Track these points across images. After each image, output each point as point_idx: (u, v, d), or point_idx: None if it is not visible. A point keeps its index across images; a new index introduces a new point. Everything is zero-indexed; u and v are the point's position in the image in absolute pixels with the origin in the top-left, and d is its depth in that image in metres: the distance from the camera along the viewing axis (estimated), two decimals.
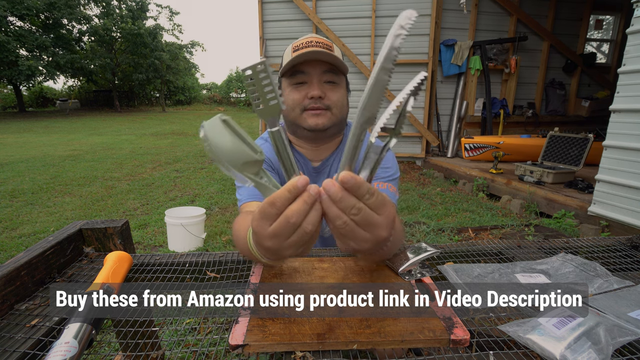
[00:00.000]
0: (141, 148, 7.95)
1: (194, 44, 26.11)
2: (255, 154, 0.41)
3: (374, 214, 0.41)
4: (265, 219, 0.41)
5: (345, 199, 0.40)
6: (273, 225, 0.41)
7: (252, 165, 0.41)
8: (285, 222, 0.40)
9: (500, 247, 0.83)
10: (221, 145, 0.39)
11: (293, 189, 0.40)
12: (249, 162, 0.40)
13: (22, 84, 19.79)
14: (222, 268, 0.74)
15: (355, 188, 0.40)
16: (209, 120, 0.39)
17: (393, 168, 0.94)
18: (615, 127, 2.63)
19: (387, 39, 0.38)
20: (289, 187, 0.41)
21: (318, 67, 0.85)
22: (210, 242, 2.81)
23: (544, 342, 0.47)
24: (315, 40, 0.86)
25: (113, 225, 0.80)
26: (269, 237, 0.42)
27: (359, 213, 0.40)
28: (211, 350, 0.51)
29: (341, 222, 0.41)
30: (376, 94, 0.40)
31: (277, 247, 0.42)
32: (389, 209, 0.42)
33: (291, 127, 0.94)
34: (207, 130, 0.39)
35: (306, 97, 0.86)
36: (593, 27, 6.57)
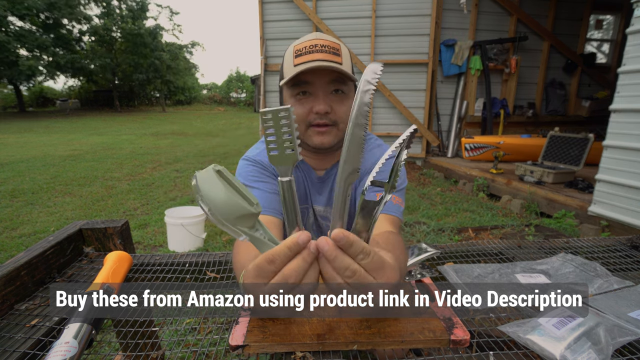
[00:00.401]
0: (141, 148, 7.95)
1: (194, 44, 26.12)
2: (251, 207, 0.38)
3: (369, 277, 0.39)
4: (261, 277, 0.39)
5: (339, 259, 0.38)
6: (269, 285, 0.39)
7: (247, 219, 0.38)
8: (284, 282, 0.38)
9: (500, 247, 0.83)
10: (214, 198, 0.36)
11: (294, 246, 0.38)
12: (244, 215, 0.38)
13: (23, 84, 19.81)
14: (222, 268, 0.74)
15: (348, 246, 0.38)
16: (202, 170, 0.37)
17: (400, 178, 0.91)
18: (615, 127, 2.63)
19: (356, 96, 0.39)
20: (290, 245, 0.38)
21: (324, 77, 0.77)
22: (210, 242, 2.81)
23: (544, 343, 0.47)
24: (321, 43, 0.77)
25: (113, 225, 0.80)
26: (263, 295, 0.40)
27: (353, 275, 0.38)
28: (211, 350, 0.51)
29: (335, 284, 0.39)
30: (354, 148, 0.40)
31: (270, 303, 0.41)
32: (387, 273, 0.40)
33: None
34: (199, 181, 0.36)
35: (311, 111, 0.79)
36: (593, 27, 6.56)
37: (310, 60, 0.75)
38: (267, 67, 5.61)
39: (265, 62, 5.60)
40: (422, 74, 5.57)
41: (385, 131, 5.72)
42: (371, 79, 0.38)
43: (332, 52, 0.76)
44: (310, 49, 0.76)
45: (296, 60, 0.77)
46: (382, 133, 5.73)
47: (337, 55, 0.77)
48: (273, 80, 5.66)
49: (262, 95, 5.66)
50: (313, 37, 0.80)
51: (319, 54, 0.76)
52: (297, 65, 0.76)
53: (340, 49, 0.79)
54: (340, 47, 0.79)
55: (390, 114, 5.71)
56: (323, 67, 0.74)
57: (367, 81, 0.38)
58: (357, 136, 0.39)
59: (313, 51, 0.76)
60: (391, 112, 5.70)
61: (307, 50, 0.77)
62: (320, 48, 0.76)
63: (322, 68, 0.75)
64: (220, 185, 0.37)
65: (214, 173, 0.37)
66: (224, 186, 0.37)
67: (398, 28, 5.45)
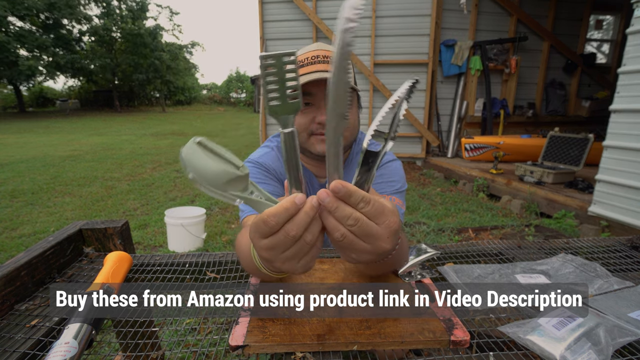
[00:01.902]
0: (141, 148, 7.95)
1: (194, 44, 26.14)
2: (238, 170, 0.38)
3: (372, 224, 0.39)
4: (259, 234, 0.39)
5: (340, 208, 0.39)
6: (269, 238, 0.39)
7: (237, 182, 0.38)
8: (284, 236, 0.38)
9: (500, 248, 0.83)
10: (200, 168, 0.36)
11: (291, 207, 0.38)
12: (233, 179, 0.37)
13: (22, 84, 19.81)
14: (222, 268, 0.74)
15: (347, 196, 0.38)
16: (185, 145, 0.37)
17: (400, 181, 0.90)
18: (615, 127, 2.63)
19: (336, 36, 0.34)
20: (287, 205, 0.38)
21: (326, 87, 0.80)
22: (210, 242, 2.81)
23: (544, 343, 0.47)
24: (322, 54, 0.78)
25: (113, 226, 0.80)
26: (264, 249, 0.40)
27: (356, 223, 0.38)
28: (211, 351, 0.51)
29: (339, 234, 0.39)
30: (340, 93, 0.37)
31: (272, 258, 0.40)
32: (389, 218, 0.40)
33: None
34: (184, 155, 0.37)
35: (313, 121, 0.80)
36: (593, 27, 6.57)
37: (312, 71, 0.76)
38: None
39: None
40: (422, 74, 5.57)
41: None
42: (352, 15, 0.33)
43: None
44: (312, 59, 0.78)
45: (301, 71, 0.78)
46: None
47: None
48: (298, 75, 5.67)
49: (262, 96, 5.66)
50: (315, 47, 0.81)
51: (321, 65, 0.77)
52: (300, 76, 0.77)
53: None
54: None
55: (390, 114, 5.70)
56: (325, 78, 0.75)
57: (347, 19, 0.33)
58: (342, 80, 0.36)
59: (315, 62, 0.77)
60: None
61: (308, 61, 0.78)
62: (322, 59, 0.77)
63: (323, 79, 0.76)
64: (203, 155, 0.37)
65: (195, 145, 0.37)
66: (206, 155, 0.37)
67: (398, 28, 5.45)
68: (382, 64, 5.58)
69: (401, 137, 5.76)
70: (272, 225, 0.38)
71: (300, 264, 0.41)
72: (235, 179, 0.37)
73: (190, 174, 0.36)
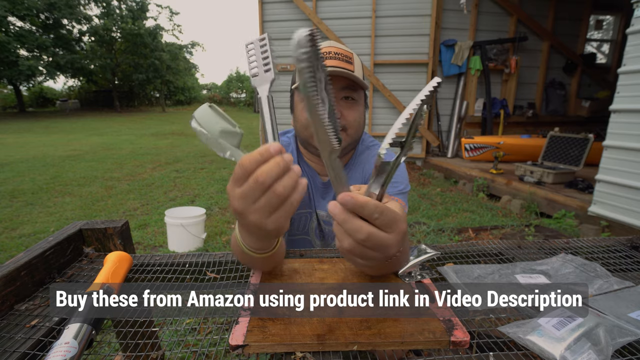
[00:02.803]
0: (141, 148, 7.95)
1: (194, 44, 26.14)
2: (235, 128, 0.47)
3: (383, 234, 0.39)
4: (235, 181, 0.40)
5: (350, 221, 0.38)
6: (241, 187, 0.40)
7: (231, 136, 0.47)
8: (254, 182, 0.38)
9: (500, 248, 0.83)
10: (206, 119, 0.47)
11: (265, 152, 0.39)
12: (228, 131, 0.46)
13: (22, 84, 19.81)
14: (222, 268, 0.74)
15: (359, 208, 0.38)
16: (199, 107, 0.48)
17: (403, 182, 0.90)
18: (615, 127, 2.63)
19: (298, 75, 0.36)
20: (261, 150, 0.39)
21: (336, 83, 0.78)
22: (210, 242, 2.81)
23: (543, 343, 0.47)
24: (334, 51, 0.79)
25: (113, 226, 0.80)
26: (237, 198, 0.40)
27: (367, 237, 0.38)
28: (211, 351, 0.51)
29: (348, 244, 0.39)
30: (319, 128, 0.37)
31: (242, 209, 0.40)
32: (399, 225, 0.40)
33: (303, 143, 0.91)
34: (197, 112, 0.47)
35: None
36: (593, 27, 6.57)
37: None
38: None
39: None
40: (422, 74, 5.57)
41: (385, 131, 5.71)
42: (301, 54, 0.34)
43: (345, 59, 0.78)
44: (324, 55, 0.78)
45: None
46: (382, 133, 5.73)
47: (350, 63, 0.79)
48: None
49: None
50: (327, 44, 0.82)
51: (332, 61, 0.77)
52: None
53: (353, 58, 0.81)
54: (353, 56, 0.81)
55: (390, 114, 5.71)
56: (336, 73, 0.76)
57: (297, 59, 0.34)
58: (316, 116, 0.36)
59: (327, 58, 0.77)
60: (391, 112, 5.70)
61: None
62: (333, 55, 0.78)
63: (334, 74, 0.76)
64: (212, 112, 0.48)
65: (207, 107, 0.48)
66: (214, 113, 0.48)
67: (398, 28, 5.45)
68: (382, 64, 5.58)
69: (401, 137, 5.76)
70: (246, 167, 0.39)
71: (270, 219, 0.41)
72: (230, 132, 0.47)
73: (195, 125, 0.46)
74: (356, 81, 0.78)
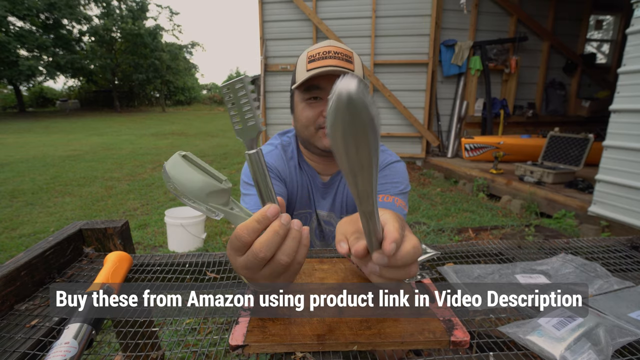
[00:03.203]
0: (141, 148, 7.95)
1: (194, 44, 26.15)
2: (220, 183, 0.39)
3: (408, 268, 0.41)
4: (234, 250, 0.38)
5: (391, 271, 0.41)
6: (242, 258, 0.38)
7: (219, 195, 0.39)
8: (254, 257, 0.37)
9: (500, 248, 0.83)
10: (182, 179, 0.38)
11: (262, 219, 0.37)
12: (215, 191, 0.39)
13: (22, 84, 19.82)
14: (222, 268, 0.74)
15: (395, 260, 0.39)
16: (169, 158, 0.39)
17: (403, 182, 0.90)
18: (615, 127, 2.63)
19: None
20: (258, 217, 0.37)
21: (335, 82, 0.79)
22: (210, 242, 2.81)
23: (543, 343, 0.47)
24: (334, 50, 0.79)
25: (113, 226, 0.80)
26: (241, 268, 0.39)
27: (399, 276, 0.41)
28: (211, 351, 0.51)
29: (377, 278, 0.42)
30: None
31: (250, 277, 0.39)
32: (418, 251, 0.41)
33: (304, 143, 0.90)
34: (168, 167, 0.38)
35: (321, 115, 0.81)
36: (593, 27, 6.57)
37: (323, 65, 0.76)
38: (267, 67, 5.61)
39: (265, 63, 5.60)
40: (422, 74, 5.57)
41: (385, 131, 5.73)
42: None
43: (344, 59, 0.78)
44: (324, 54, 0.78)
45: (309, 66, 0.79)
46: (382, 134, 5.73)
47: (350, 62, 0.79)
48: (273, 80, 5.66)
49: (262, 96, 5.66)
50: (327, 44, 0.81)
51: (332, 60, 0.77)
52: (310, 70, 0.78)
53: (353, 57, 0.81)
54: (352, 55, 0.81)
55: (390, 114, 5.71)
56: (335, 72, 0.76)
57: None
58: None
59: (326, 57, 0.77)
60: (391, 112, 5.70)
61: (320, 56, 0.78)
62: (333, 54, 0.78)
63: (334, 73, 0.76)
64: (187, 167, 0.38)
65: (180, 158, 0.39)
66: (190, 167, 0.39)
67: (398, 28, 5.45)
68: (382, 64, 5.58)
69: (401, 137, 5.77)
70: (245, 239, 0.37)
71: (279, 279, 0.40)
72: (217, 191, 0.39)
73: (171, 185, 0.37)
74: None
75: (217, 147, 8.25)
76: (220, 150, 7.75)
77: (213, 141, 9.37)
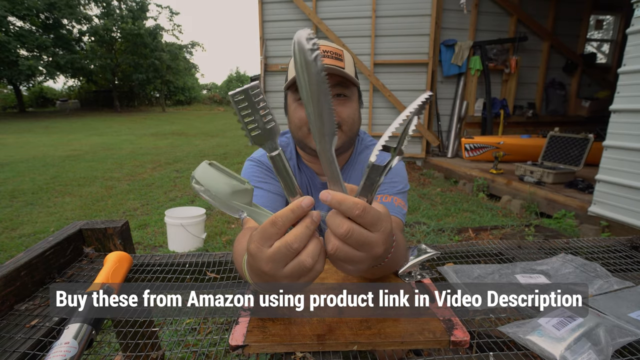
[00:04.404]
0: (141, 148, 7.95)
1: (194, 44, 26.14)
2: (244, 184, 0.43)
3: (366, 232, 0.39)
4: (265, 239, 0.39)
5: (330, 217, 0.39)
6: (272, 248, 0.39)
7: (242, 195, 0.43)
8: (285, 247, 0.38)
9: (500, 248, 0.83)
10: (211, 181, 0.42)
11: (297, 208, 0.39)
12: (239, 191, 0.43)
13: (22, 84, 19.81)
14: (222, 269, 0.74)
15: (336, 204, 0.38)
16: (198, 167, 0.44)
17: (402, 182, 0.89)
18: (615, 127, 2.63)
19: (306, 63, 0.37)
20: (293, 207, 0.39)
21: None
22: (210, 242, 2.81)
23: (543, 343, 0.47)
24: (324, 48, 0.79)
25: (113, 226, 0.80)
26: (266, 261, 0.39)
27: (348, 233, 0.38)
28: (211, 351, 0.51)
29: (332, 246, 0.39)
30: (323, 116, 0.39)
31: (273, 273, 0.40)
32: (383, 224, 0.40)
33: (299, 144, 0.90)
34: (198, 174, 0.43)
35: None
36: (593, 27, 6.56)
37: None
38: (267, 67, 5.61)
39: (265, 63, 5.60)
40: (422, 74, 5.57)
41: (384, 131, 5.72)
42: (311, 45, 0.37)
43: (334, 57, 0.78)
44: None
45: None
46: (382, 134, 5.73)
47: (340, 60, 0.79)
48: (273, 80, 5.66)
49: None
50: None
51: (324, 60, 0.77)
52: None
53: (343, 55, 0.81)
54: (343, 53, 0.81)
55: (390, 114, 5.71)
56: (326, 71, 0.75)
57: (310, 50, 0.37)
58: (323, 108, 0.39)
59: None
60: (391, 112, 5.70)
61: None
62: (322, 53, 0.77)
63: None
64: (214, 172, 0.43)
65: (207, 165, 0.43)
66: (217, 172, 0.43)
67: (398, 28, 5.45)
68: (382, 64, 5.58)
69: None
70: (280, 226, 0.39)
71: (299, 281, 0.41)
72: (241, 191, 0.43)
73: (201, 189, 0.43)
74: (347, 78, 0.78)
75: (217, 147, 8.25)
76: (220, 150, 7.75)
77: (213, 141, 9.37)
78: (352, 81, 0.80)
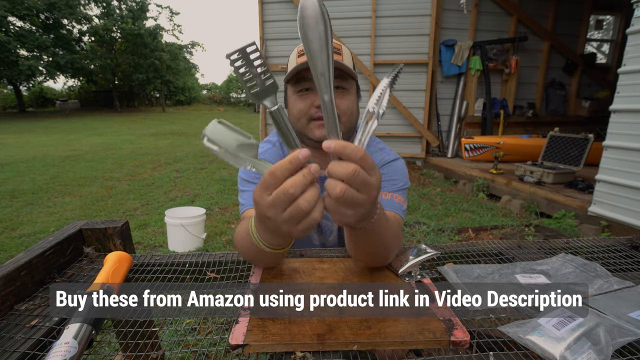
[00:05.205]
0: (141, 148, 7.95)
1: (194, 44, 26.13)
2: (249, 139, 0.47)
3: (367, 175, 0.42)
4: (265, 189, 0.43)
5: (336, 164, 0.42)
6: (272, 195, 0.42)
7: (248, 148, 0.46)
8: (283, 192, 0.41)
9: (500, 248, 0.83)
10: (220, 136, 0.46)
11: (294, 159, 0.42)
12: (245, 144, 0.46)
13: (22, 84, 19.81)
14: (222, 268, 0.74)
15: (341, 149, 0.41)
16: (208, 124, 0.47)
17: (402, 180, 0.90)
18: (615, 127, 2.63)
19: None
20: (290, 158, 0.42)
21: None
22: (210, 242, 2.81)
23: (544, 343, 0.47)
24: None
25: (113, 226, 0.80)
26: (267, 207, 0.43)
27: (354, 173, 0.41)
28: (211, 351, 0.51)
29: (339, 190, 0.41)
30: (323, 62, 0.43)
31: (274, 218, 0.43)
32: (377, 170, 0.44)
33: (299, 136, 0.90)
34: (208, 130, 0.46)
35: (312, 105, 0.82)
36: (593, 27, 6.57)
37: None
38: None
39: None
40: (422, 74, 5.57)
41: (385, 131, 5.72)
42: None
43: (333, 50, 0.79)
44: None
45: (299, 60, 0.81)
46: (382, 133, 5.74)
47: (339, 54, 0.81)
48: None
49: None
50: None
51: None
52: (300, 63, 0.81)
53: (341, 49, 0.83)
54: (341, 46, 0.83)
55: (390, 114, 5.71)
56: None
57: None
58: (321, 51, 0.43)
59: None
60: (391, 112, 5.70)
61: None
62: None
63: None
64: (223, 128, 0.46)
65: (217, 123, 0.47)
66: (225, 128, 0.46)
67: (398, 28, 5.45)
68: (382, 64, 5.58)
69: (401, 137, 5.76)
70: (278, 176, 0.42)
71: (299, 227, 0.44)
72: (247, 144, 0.46)
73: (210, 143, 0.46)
74: (345, 70, 0.80)
75: None
76: None
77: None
78: (351, 74, 0.81)
